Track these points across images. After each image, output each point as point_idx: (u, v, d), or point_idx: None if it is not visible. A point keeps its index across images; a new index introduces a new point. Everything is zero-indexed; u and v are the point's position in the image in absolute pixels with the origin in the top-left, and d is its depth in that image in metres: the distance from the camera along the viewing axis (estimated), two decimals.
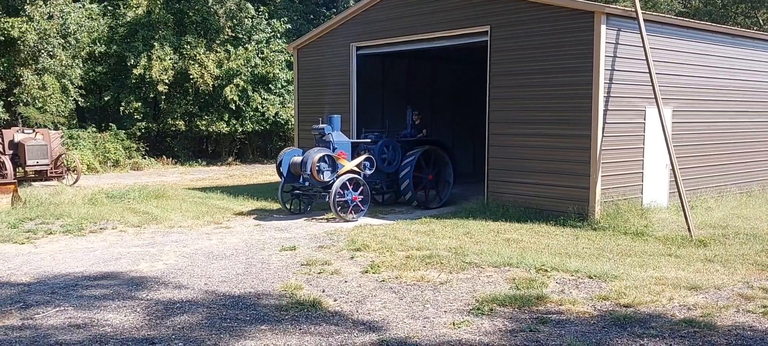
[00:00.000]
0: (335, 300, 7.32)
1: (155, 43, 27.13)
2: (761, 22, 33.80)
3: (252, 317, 6.70)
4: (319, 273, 8.55)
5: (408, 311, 6.89)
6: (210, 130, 28.62)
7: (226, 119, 28.73)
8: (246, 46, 29.50)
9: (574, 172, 12.47)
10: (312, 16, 37.03)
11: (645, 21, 12.20)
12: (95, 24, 27.24)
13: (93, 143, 25.47)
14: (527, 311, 6.85)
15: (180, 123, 28.28)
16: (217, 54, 28.44)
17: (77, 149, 24.05)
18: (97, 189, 16.81)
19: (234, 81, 28.08)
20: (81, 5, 26.71)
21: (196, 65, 27.39)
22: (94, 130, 26.62)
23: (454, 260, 9.12)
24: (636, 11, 12.06)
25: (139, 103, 27.61)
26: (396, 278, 8.24)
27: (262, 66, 29.06)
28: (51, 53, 23.64)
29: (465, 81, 21.28)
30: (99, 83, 28.52)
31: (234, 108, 28.53)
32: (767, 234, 11.12)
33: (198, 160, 29.29)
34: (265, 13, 31.42)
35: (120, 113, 27.85)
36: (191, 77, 27.34)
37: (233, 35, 29.89)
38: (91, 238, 11.29)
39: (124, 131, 26.99)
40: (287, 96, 29.65)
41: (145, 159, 27.25)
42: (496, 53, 13.78)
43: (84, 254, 9.92)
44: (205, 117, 28.53)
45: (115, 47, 27.71)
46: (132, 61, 26.94)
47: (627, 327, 6.33)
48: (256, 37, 30.18)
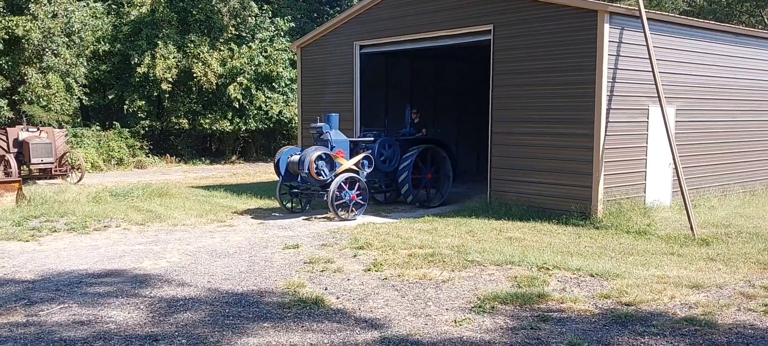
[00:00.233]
0: (338, 298, 7.35)
1: (159, 42, 27.19)
2: (766, 20, 33.70)
3: (255, 315, 6.73)
4: (322, 271, 8.58)
5: (410, 309, 6.92)
6: (213, 128, 28.66)
7: (229, 118, 28.76)
8: (249, 44, 29.51)
9: (576, 170, 12.47)
10: (315, 14, 37.07)
11: (648, 20, 12.19)
12: (99, 22, 27.32)
13: (97, 142, 25.55)
14: (529, 309, 6.87)
15: (183, 121, 28.33)
16: (221, 52, 28.47)
17: (81, 148, 24.15)
18: (101, 187, 16.89)
19: (237, 79, 28.09)
20: (85, 4, 26.78)
21: (199, 64, 27.42)
22: (98, 128, 26.74)
23: (456, 258, 9.14)
24: (639, 10, 12.05)
25: (143, 102, 27.65)
26: (398, 276, 8.27)
27: (265, 64, 29.08)
28: (55, 52, 23.72)
29: (470, 79, 21.12)
30: (103, 82, 28.59)
31: (237, 106, 28.56)
32: None
33: (201, 158, 29.35)
34: (269, 12, 31.46)
35: (124, 112, 27.92)
36: (195, 76, 27.38)
37: (237, 34, 29.91)
38: (95, 236, 11.34)
39: (127, 130, 27.07)
40: (291, 94, 29.64)
41: (149, 157, 27.32)
42: (499, 52, 13.78)
43: (88, 251, 9.97)
44: (209, 115, 28.57)
45: (119, 46, 27.78)
46: (136, 60, 27.00)
47: (628, 325, 6.35)
48: (259, 36, 30.19)
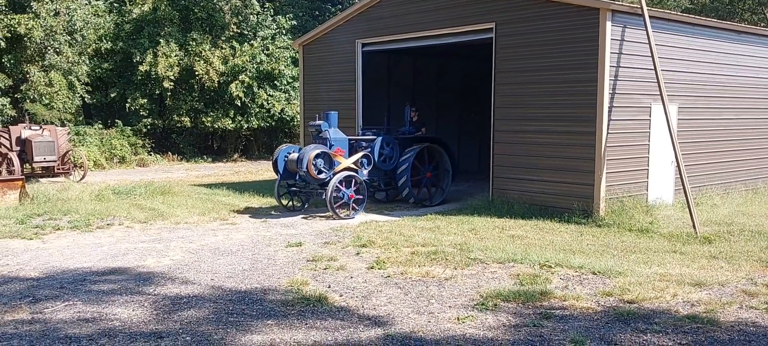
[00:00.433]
0: (341, 295, 7.37)
1: (161, 40, 27.21)
2: None
3: (258, 312, 6.76)
4: (325, 269, 8.61)
5: (413, 306, 6.94)
6: (215, 126, 28.68)
7: (231, 116, 28.77)
8: (251, 42, 29.52)
9: (578, 168, 12.48)
10: (317, 12, 37.05)
11: (651, 17, 12.19)
12: (101, 21, 27.35)
13: (99, 140, 25.58)
14: (531, 307, 6.89)
15: (185, 119, 28.35)
16: (223, 50, 28.47)
17: (84, 146, 24.18)
18: (104, 185, 16.92)
19: (239, 77, 28.10)
20: (87, 2, 26.82)
21: (201, 62, 27.44)
22: (100, 126, 26.76)
23: (458, 256, 9.16)
24: (641, 8, 12.05)
25: (145, 100, 27.67)
26: (401, 273, 8.29)
27: (267, 62, 29.09)
28: (57, 50, 23.75)
29: (472, 77, 21.05)
30: (105, 80, 28.62)
31: (239, 105, 28.57)
32: None
33: (203, 156, 29.38)
34: (271, 10, 31.46)
35: (126, 110, 27.94)
36: (197, 74, 27.40)
37: (239, 32, 29.92)
38: (99, 234, 11.38)
39: (130, 128, 27.09)
40: (293, 92, 29.65)
41: (151, 155, 27.34)
42: (501, 50, 13.79)
43: (91, 249, 10.01)
44: (211, 113, 28.59)
45: (121, 44, 27.82)
46: (138, 58, 27.03)
47: (630, 323, 6.37)
48: (261, 34, 30.20)
